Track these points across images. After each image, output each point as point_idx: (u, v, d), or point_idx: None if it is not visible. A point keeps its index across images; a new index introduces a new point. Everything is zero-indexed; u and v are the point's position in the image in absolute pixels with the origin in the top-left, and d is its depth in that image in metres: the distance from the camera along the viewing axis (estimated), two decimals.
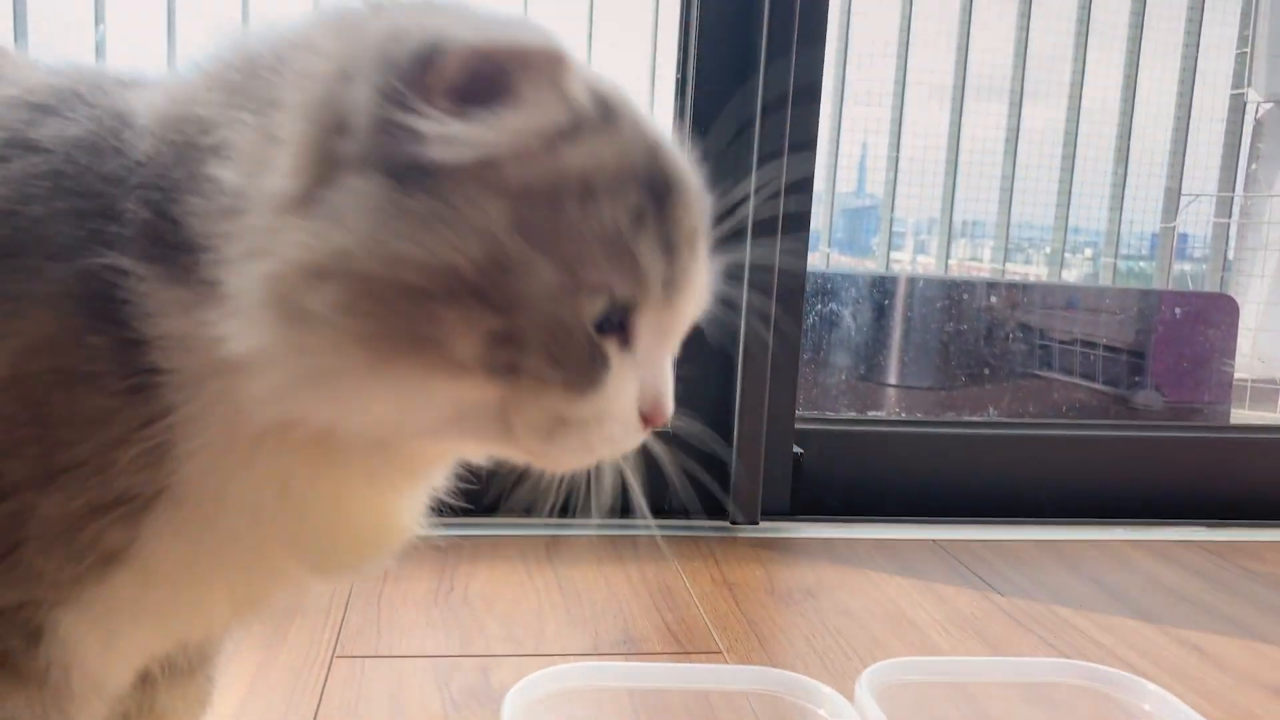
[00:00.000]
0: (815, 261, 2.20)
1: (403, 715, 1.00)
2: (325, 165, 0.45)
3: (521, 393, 0.47)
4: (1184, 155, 2.44)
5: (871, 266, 2.39)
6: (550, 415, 0.48)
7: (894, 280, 2.25)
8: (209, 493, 0.47)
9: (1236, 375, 2.29)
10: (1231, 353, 2.25)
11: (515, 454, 0.51)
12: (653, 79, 1.81)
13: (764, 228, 1.57)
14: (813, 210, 1.68)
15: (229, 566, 0.49)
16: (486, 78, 0.45)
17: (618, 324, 0.49)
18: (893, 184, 2.39)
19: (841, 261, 2.41)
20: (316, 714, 0.99)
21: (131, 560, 0.46)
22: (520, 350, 0.46)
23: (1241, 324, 2.32)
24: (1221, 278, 2.52)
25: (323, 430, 0.47)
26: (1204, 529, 1.76)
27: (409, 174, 0.44)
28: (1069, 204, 2.48)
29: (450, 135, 0.44)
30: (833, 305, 2.09)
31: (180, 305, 0.46)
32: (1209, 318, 2.29)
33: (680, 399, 0.56)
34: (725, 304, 0.58)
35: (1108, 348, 2.23)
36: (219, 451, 0.47)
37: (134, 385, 0.45)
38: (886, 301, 2.18)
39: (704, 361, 1.63)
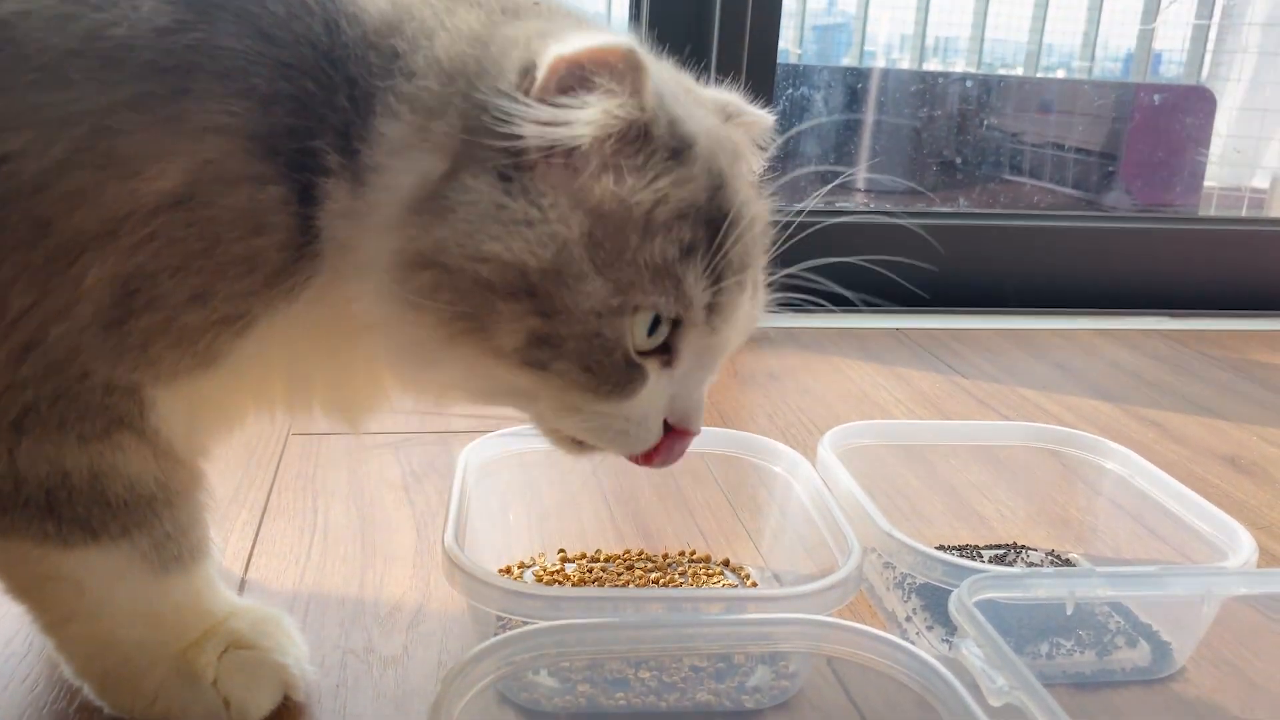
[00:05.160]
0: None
1: (361, 485, 0.99)
2: (455, 161, 0.52)
3: (549, 386, 0.55)
4: None
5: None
6: (568, 407, 0.57)
7: (866, 73, 2.17)
8: (294, 335, 0.56)
9: (1204, 183, 2.25)
10: (1206, 144, 2.21)
11: (542, 422, 0.61)
12: None
13: None
14: (781, 26, 1.59)
15: (278, 389, 0.61)
16: (575, 80, 0.51)
17: (663, 345, 0.56)
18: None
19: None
20: (272, 487, 0.97)
21: (223, 364, 0.55)
22: (555, 353, 0.54)
23: (1213, 129, 2.26)
24: (1198, 82, 2.46)
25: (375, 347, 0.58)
26: (1167, 318, 1.76)
27: (513, 177, 0.52)
28: (1046, 6, 2.38)
29: (538, 116, 0.51)
30: (805, 90, 2.02)
31: (351, 214, 0.53)
32: (1185, 107, 2.24)
33: None
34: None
35: (1079, 149, 2.18)
36: (315, 315, 0.56)
37: (294, 246, 0.53)
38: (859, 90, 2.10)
39: None
